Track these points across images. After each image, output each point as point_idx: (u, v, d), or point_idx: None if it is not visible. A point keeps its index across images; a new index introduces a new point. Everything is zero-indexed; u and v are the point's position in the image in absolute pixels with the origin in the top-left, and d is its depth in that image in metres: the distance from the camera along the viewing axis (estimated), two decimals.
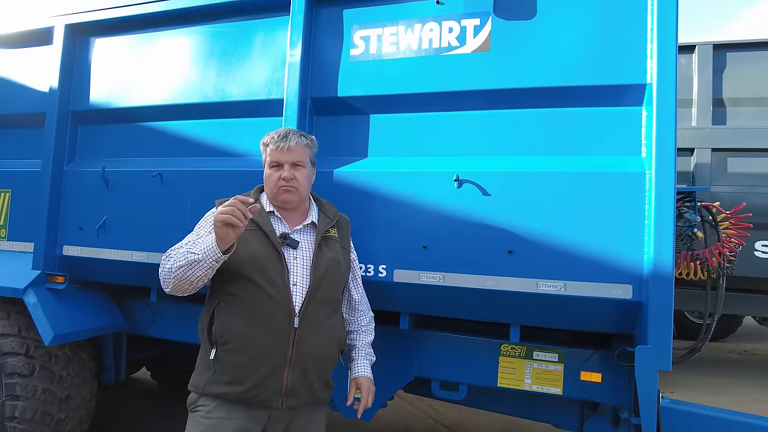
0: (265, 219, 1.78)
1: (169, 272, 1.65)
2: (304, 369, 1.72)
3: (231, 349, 1.67)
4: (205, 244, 1.59)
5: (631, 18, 1.99)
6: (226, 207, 1.51)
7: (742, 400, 2.39)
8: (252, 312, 1.67)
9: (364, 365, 1.97)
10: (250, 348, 1.66)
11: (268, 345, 1.67)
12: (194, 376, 1.76)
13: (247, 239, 1.70)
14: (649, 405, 1.87)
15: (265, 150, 1.85)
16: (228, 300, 1.70)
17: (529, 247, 2.02)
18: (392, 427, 4.01)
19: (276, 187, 1.80)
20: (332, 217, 1.92)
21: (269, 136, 1.85)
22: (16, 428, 2.70)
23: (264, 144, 1.85)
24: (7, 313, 2.83)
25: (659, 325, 1.84)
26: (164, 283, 1.69)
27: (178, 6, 2.61)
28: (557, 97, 2.07)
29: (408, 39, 2.25)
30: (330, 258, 1.82)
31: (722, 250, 2.34)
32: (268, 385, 1.67)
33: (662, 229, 1.86)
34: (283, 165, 1.79)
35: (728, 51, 4.00)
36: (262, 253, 1.71)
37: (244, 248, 1.68)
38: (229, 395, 1.66)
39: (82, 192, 2.81)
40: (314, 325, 1.73)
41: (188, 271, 1.61)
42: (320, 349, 1.76)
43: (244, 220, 1.52)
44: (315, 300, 1.74)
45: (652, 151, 1.90)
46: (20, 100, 3.02)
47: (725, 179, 3.77)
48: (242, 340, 1.66)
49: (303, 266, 1.76)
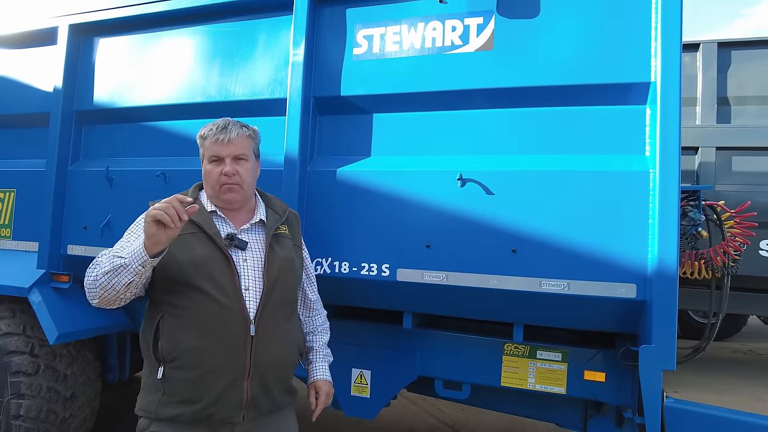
0: (207, 219, 1.61)
1: (94, 281, 1.46)
2: (264, 378, 1.57)
3: (181, 366, 1.50)
4: (133, 247, 1.44)
5: (635, 16, 1.98)
6: (161, 203, 1.36)
7: (747, 399, 2.37)
8: (202, 323, 1.51)
9: (323, 368, 1.86)
10: (203, 362, 1.50)
11: (223, 357, 1.51)
12: (141, 398, 1.59)
13: (188, 243, 1.55)
14: (653, 404, 1.87)
15: (202, 143, 1.67)
16: (173, 312, 1.53)
17: (533, 246, 2.02)
18: (395, 426, 4.01)
19: (218, 184, 1.63)
20: (282, 213, 1.77)
21: (207, 128, 1.67)
22: (21, 426, 2.72)
23: (201, 137, 1.68)
24: (12, 312, 2.84)
25: (663, 324, 1.83)
26: (89, 294, 1.50)
27: (181, 6, 2.61)
28: (561, 95, 2.06)
29: (411, 38, 2.25)
30: (283, 257, 1.67)
31: (727, 249, 2.33)
32: (227, 400, 1.52)
33: (666, 228, 1.85)
34: (223, 159, 1.62)
35: (733, 49, 3.98)
36: (207, 257, 1.55)
37: (186, 253, 1.53)
38: (184, 416, 1.50)
39: (86, 191, 2.82)
40: (271, 331, 1.59)
41: (113, 279, 1.43)
42: (279, 355, 1.62)
43: (179, 222, 1.36)
44: (270, 304, 1.60)
45: (656, 150, 1.89)
46: (25, 100, 3.04)
47: (730, 178, 3.76)
48: (194, 354, 1.50)
49: (254, 268, 1.61)
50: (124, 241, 1.60)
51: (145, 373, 1.62)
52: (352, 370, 2.52)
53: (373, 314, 2.54)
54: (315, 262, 2.31)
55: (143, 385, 1.61)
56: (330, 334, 1.96)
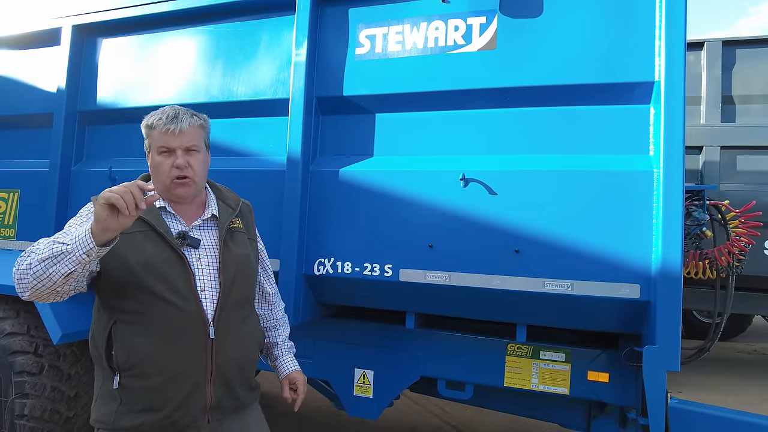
0: (157, 216, 1.49)
1: (27, 270, 1.28)
2: (227, 380, 1.52)
3: (139, 374, 1.42)
4: (78, 232, 1.27)
5: (639, 15, 1.97)
6: (118, 187, 1.22)
7: (752, 399, 2.37)
8: (158, 329, 1.43)
9: (291, 360, 1.81)
10: (163, 369, 1.42)
11: (183, 362, 1.44)
12: (96, 409, 1.49)
13: (137, 242, 1.44)
14: (657, 405, 1.86)
15: (149, 133, 1.53)
16: (126, 318, 1.43)
17: (536, 246, 2.01)
18: (398, 426, 4.01)
19: (168, 178, 1.50)
20: (234, 206, 1.66)
21: (154, 116, 1.52)
22: (26, 426, 2.73)
23: (148, 126, 1.52)
24: (16, 312, 2.85)
25: (667, 324, 1.82)
26: (19, 286, 1.31)
27: (184, 6, 2.61)
28: (564, 95, 2.05)
29: (414, 38, 2.24)
30: (239, 254, 1.59)
31: (731, 248, 2.32)
32: (191, 405, 1.45)
33: (670, 227, 1.84)
34: (174, 150, 1.49)
35: (738, 48, 3.97)
36: (159, 257, 1.44)
37: (136, 254, 1.42)
38: (145, 425, 1.43)
39: (90, 192, 2.76)
40: (231, 332, 1.53)
41: (50, 268, 1.26)
42: (241, 355, 1.57)
43: (134, 210, 1.22)
44: (228, 304, 1.53)
45: (660, 150, 1.88)
46: (28, 100, 3.05)
47: (734, 177, 3.74)
48: (152, 361, 1.42)
49: (209, 267, 1.52)
50: (65, 228, 1.43)
51: (98, 383, 1.52)
52: (354, 370, 2.52)
53: (375, 314, 2.53)
54: (317, 262, 2.31)
55: (96, 395, 1.51)
56: (331, 334, 1.95)
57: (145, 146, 1.56)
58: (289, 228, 2.31)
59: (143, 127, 1.56)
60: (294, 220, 2.30)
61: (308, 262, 2.33)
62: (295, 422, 3.87)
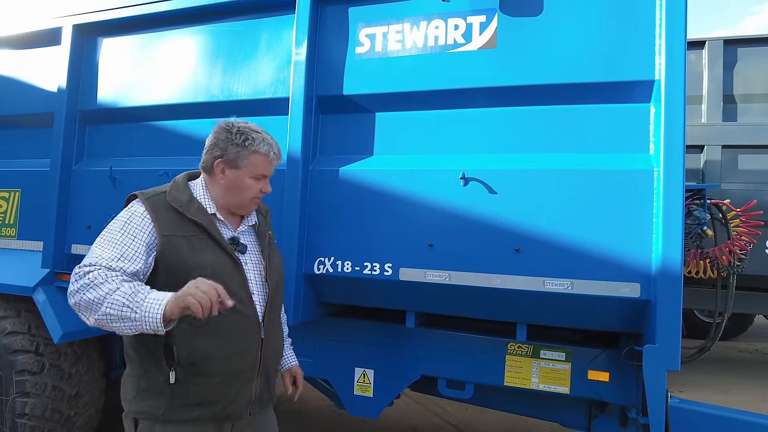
0: (211, 222, 1.55)
1: (94, 307, 1.33)
2: (268, 376, 1.65)
3: (200, 372, 1.48)
4: (148, 304, 1.31)
5: (639, 13, 1.96)
6: (198, 290, 1.29)
7: (753, 399, 2.35)
8: (219, 330, 1.49)
9: (291, 355, 1.90)
10: (224, 368, 1.51)
11: (242, 362, 1.54)
12: (137, 401, 1.51)
13: (197, 248, 1.49)
14: (658, 404, 1.85)
15: (249, 156, 1.57)
16: (186, 319, 1.43)
17: (536, 245, 2.01)
18: (399, 425, 4.01)
19: (250, 199, 1.62)
20: (265, 214, 1.78)
21: (263, 145, 1.58)
22: (27, 425, 2.73)
23: (255, 152, 1.57)
24: (17, 311, 2.86)
25: (668, 324, 1.82)
26: (82, 314, 1.37)
27: (184, 5, 2.62)
28: (564, 94, 2.05)
29: (414, 37, 2.24)
30: (278, 261, 1.73)
31: (732, 248, 2.31)
32: (242, 399, 1.56)
33: (671, 227, 1.84)
34: (266, 178, 1.64)
35: (739, 46, 3.95)
36: (218, 263, 1.51)
37: (197, 259, 1.48)
38: (200, 419, 1.50)
39: (90, 191, 2.83)
40: (273, 332, 1.65)
41: (115, 323, 1.33)
42: (278, 353, 1.71)
43: (206, 313, 1.30)
44: (273, 307, 1.65)
45: (661, 149, 1.88)
46: (29, 100, 3.05)
47: (736, 176, 3.73)
48: (214, 361, 1.49)
49: (255, 272, 1.62)
50: (116, 243, 1.44)
51: (138, 376, 1.53)
52: (355, 369, 2.52)
53: (375, 313, 2.53)
54: (317, 261, 2.31)
55: (136, 389, 1.52)
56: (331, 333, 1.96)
57: (225, 158, 1.57)
58: (289, 227, 2.31)
59: (239, 145, 1.56)
60: (294, 219, 2.30)
61: (308, 261, 2.33)
62: (296, 421, 3.88)
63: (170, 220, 1.51)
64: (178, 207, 1.53)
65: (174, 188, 1.59)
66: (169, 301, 1.31)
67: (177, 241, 1.49)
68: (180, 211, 1.52)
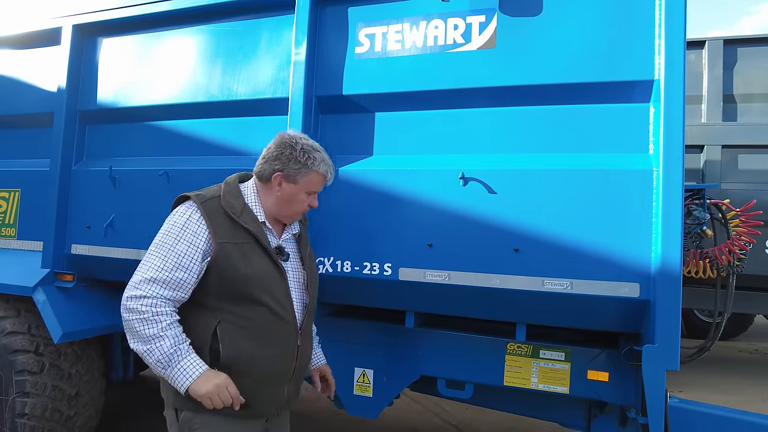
0: (261, 231, 1.62)
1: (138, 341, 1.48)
2: (299, 379, 1.74)
3: (242, 372, 1.56)
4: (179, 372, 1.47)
5: (639, 13, 1.96)
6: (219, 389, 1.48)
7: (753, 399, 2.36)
8: (262, 334, 1.58)
9: (321, 353, 1.99)
10: (264, 370, 1.59)
11: (279, 365, 1.63)
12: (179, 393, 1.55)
13: (247, 255, 1.57)
14: (657, 404, 1.85)
15: (307, 174, 1.64)
16: (233, 320, 1.56)
17: (536, 245, 2.01)
18: (399, 425, 4.01)
19: (300, 211, 1.71)
20: (305, 222, 1.86)
21: (323, 166, 1.66)
22: (26, 425, 2.74)
23: (315, 171, 1.65)
24: (17, 311, 2.86)
25: (667, 323, 1.82)
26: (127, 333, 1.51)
27: (184, 5, 2.62)
28: (563, 94, 2.05)
29: (413, 36, 2.24)
30: (316, 269, 1.82)
31: (732, 247, 2.31)
32: (275, 400, 1.65)
33: (670, 226, 1.84)
34: (316, 193, 1.72)
35: (739, 46, 3.95)
36: (265, 270, 1.60)
37: (247, 266, 1.56)
38: (239, 413, 1.58)
39: (90, 191, 2.83)
40: (308, 339, 1.74)
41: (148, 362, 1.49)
42: (309, 359, 1.79)
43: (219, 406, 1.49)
44: (310, 315, 1.74)
45: (660, 148, 1.88)
46: (29, 100, 3.05)
47: (736, 176, 3.73)
48: (256, 362, 1.57)
49: (296, 280, 1.69)
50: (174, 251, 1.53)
51: None
52: (354, 369, 2.52)
53: (375, 313, 2.53)
54: (317, 261, 2.31)
55: None
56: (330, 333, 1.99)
57: (285, 173, 1.63)
58: None
59: (301, 163, 1.62)
60: None
61: None
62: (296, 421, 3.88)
63: (224, 227, 1.57)
64: (231, 213, 1.58)
65: (228, 193, 1.64)
66: (196, 382, 1.47)
67: (230, 248, 1.55)
68: (233, 218, 1.58)
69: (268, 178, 1.65)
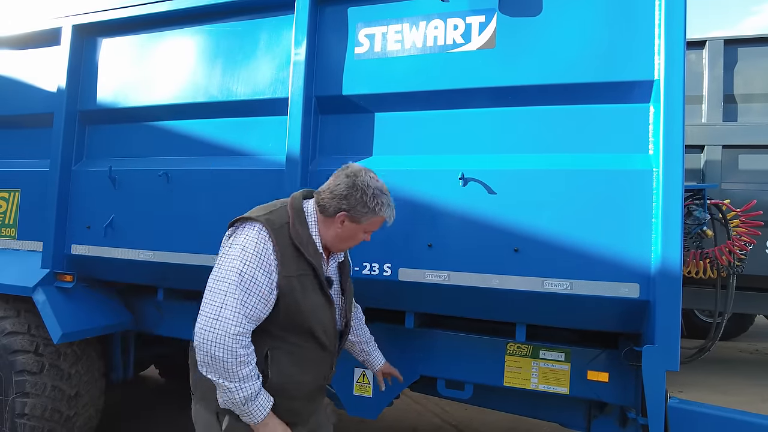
0: (320, 262, 1.65)
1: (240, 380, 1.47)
2: (323, 396, 1.85)
3: (287, 394, 1.61)
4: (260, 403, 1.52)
5: (639, 13, 1.96)
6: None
7: (753, 399, 2.36)
8: (308, 361, 1.65)
9: (380, 354, 2.13)
10: (304, 393, 1.67)
11: (317, 388, 1.74)
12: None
13: (306, 287, 1.60)
14: (657, 405, 1.85)
15: (371, 217, 1.65)
16: (283, 347, 1.60)
17: (535, 245, 2.01)
18: (399, 425, 4.01)
19: (351, 246, 1.76)
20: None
21: (388, 211, 1.68)
22: (26, 425, 2.74)
23: (381, 215, 1.67)
24: (17, 311, 2.86)
25: (667, 324, 1.82)
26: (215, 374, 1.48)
27: (184, 6, 2.62)
28: (563, 94, 2.05)
29: (413, 37, 2.24)
30: (352, 293, 1.88)
31: (732, 248, 2.31)
32: (307, 415, 1.76)
33: (670, 227, 1.84)
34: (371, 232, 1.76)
35: (740, 46, 3.95)
36: (318, 303, 1.64)
37: (306, 300, 1.59)
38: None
39: (90, 191, 2.83)
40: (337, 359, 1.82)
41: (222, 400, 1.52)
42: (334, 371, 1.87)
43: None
44: (344, 337, 1.82)
45: (660, 149, 1.87)
46: (29, 100, 3.05)
47: (736, 176, 3.73)
48: (300, 386, 1.65)
49: (337, 307, 1.75)
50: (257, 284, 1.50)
51: None
52: (354, 369, 2.52)
53: (374, 314, 2.53)
54: None
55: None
56: None
57: (351, 214, 1.63)
58: None
59: (369, 208, 1.63)
60: None
61: None
62: None
63: (290, 258, 1.57)
64: (298, 244, 1.58)
65: (296, 220, 1.62)
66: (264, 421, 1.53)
67: (294, 282, 1.57)
68: (299, 249, 1.59)
69: (331, 214, 1.63)
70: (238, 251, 1.51)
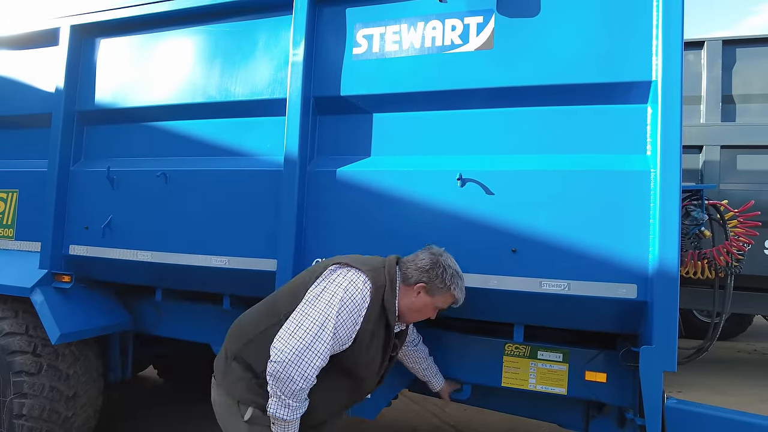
0: (393, 328, 1.82)
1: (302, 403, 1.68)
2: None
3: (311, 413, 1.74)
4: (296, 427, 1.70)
5: (636, 14, 1.96)
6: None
7: (752, 400, 2.36)
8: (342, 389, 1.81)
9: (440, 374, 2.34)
10: (333, 412, 1.87)
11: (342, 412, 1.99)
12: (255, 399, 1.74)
13: (371, 345, 1.76)
14: (654, 405, 1.85)
15: (445, 294, 1.84)
16: (326, 383, 1.72)
17: (533, 246, 2.01)
18: (398, 426, 4.01)
19: (418, 320, 1.91)
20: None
21: (462, 291, 1.88)
22: (24, 426, 2.73)
23: (452, 293, 1.85)
24: (15, 312, 2.86)
25: (664, 325, 1.82)
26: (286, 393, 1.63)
27: (182, 6, 2.62)
28: (561, 94, 2.05)
29: (411, 37, 2.24)
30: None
31: (730, 248, 2.31)
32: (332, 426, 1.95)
33: (667, 228, 1.84)
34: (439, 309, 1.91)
35: (738, 47, 3.95)
36: (375, 359, 1.80)
37: (366, 355, 1.75)
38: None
39: (88, 192, 2.83)
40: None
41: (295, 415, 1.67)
42: None
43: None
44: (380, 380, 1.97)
45: (658, 149, 1.87)
46: (27, 100, 3.05)
47: (734, 177, 3.73)
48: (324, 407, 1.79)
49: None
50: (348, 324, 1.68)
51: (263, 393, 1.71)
52: None
53: None
54: (314, 261, 2.31)
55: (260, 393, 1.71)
56: None
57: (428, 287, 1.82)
58: (287, 228, 2.31)
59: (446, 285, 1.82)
60: (291, 220, 2.30)
61: (305, 262, 2.32)
62: None
63: (374, 315, 1.73)
64: (387, 307, 1.75)
65: (390, 287, 1.77)
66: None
67: (367, 336, 1.72)
68: (385, 311, 1.75)
69: (411, 283, 1.82)
70: (342, 292, 1.68)
